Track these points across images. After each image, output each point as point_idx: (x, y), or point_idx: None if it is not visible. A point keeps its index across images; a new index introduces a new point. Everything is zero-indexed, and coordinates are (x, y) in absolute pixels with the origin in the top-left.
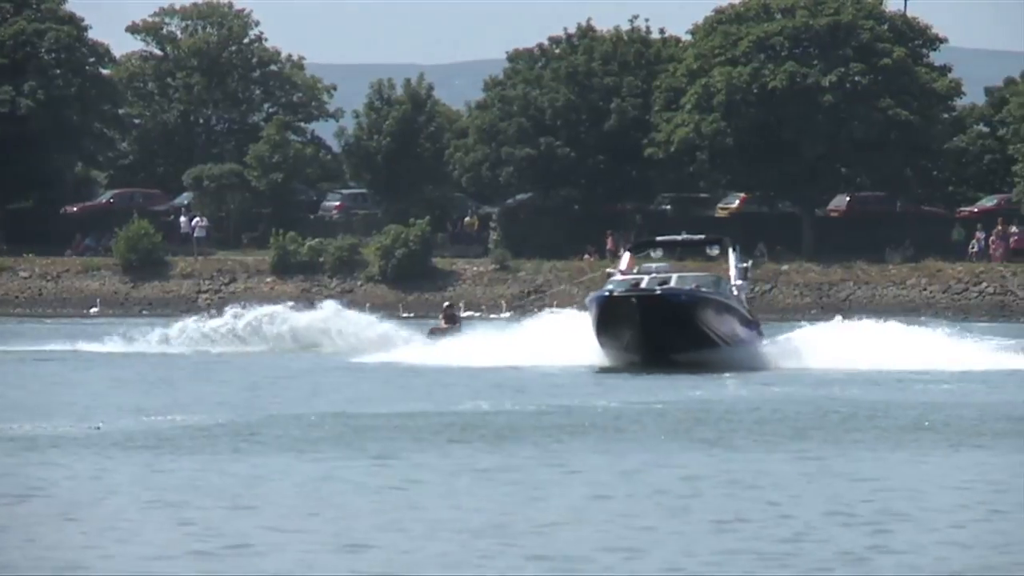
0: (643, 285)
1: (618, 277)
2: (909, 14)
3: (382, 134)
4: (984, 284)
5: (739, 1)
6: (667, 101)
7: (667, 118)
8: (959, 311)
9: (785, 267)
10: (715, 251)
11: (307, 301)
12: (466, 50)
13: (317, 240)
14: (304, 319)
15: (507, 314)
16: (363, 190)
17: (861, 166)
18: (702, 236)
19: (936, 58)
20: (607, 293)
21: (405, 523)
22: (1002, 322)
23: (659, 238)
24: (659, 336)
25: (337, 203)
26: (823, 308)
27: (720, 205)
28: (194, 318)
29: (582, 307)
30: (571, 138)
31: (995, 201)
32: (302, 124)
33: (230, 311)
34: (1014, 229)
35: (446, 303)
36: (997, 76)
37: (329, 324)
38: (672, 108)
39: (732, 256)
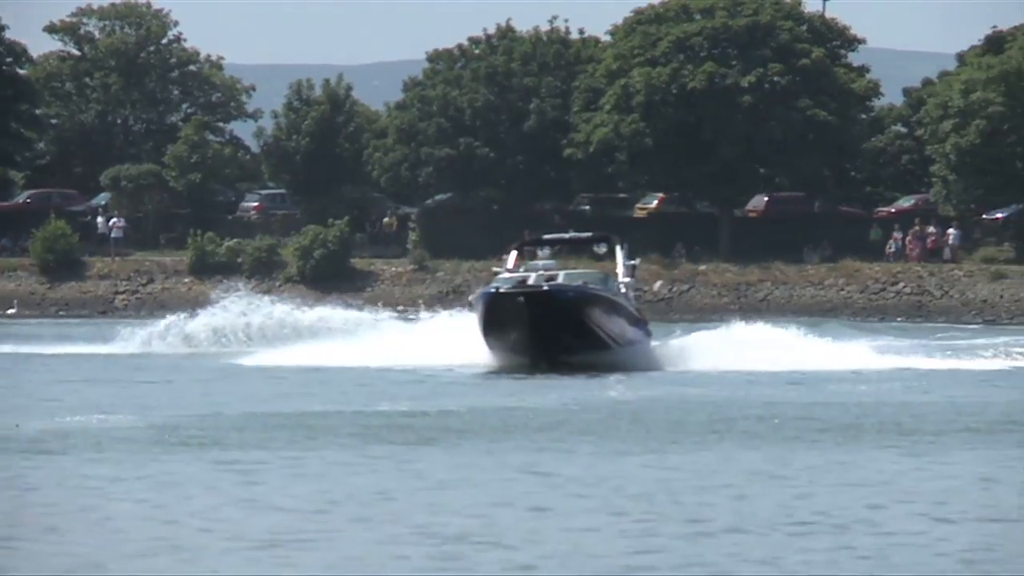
0: (530, 282)
1: (504, 275)
2: (828, 15)
3: (301, 134)
4: (901, 284)
5: (658, 2)
6: (586, 101)
7: (586, 118)
8: (876, 311)
9: (703, 267)
10: (602, 249)
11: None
12: (385, 50)
13: (235, 241)
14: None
15: (425, 315)
16: (282, 190)
17: (779, 166)
18: (589, 234)
19: (854, 59)
20: (492, 291)
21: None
22: (919, 322)
23: (545, 236)
24: (547, 335)
25: (256, 203)
26: (741, 308)
27: (639, 205)
28: (177, 316)
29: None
30: (490, 138)
31: (912, 201)
32: (220, 124)
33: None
34: (931, 229)
35: None
36: (915, 77)
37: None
38: (591, 108)
39: (620, 254)
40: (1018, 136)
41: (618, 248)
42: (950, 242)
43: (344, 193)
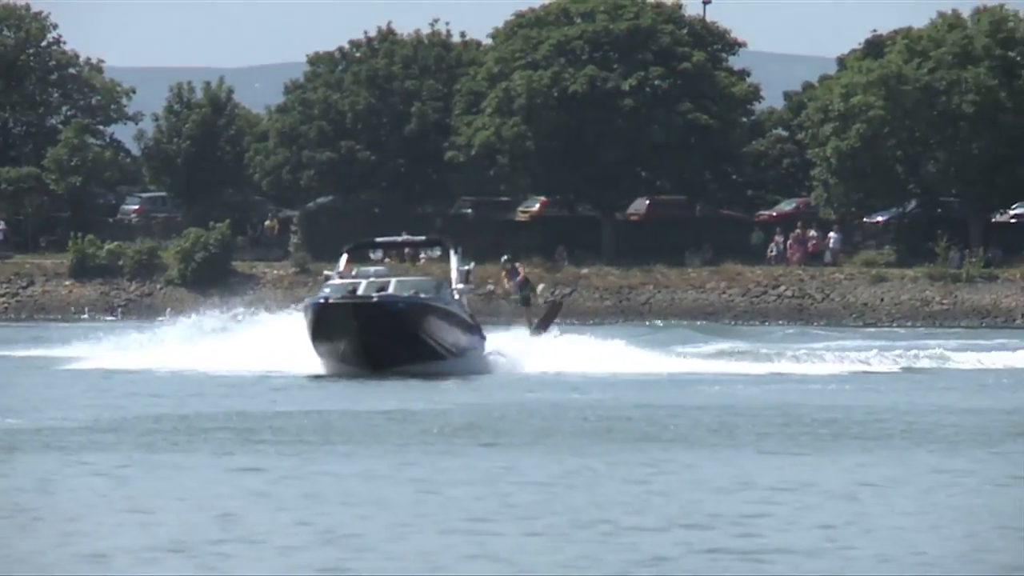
0: (360, 291)
1: (335, 281)
2: (708, 19)
3: (182, 137)
4: (783, 287)
5: (539, 5)
6: (468, 105)
7: (468, 121)
8: (758, 314)
9: (585, 270)
10: (436, 253)
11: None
12: (266, 53)
13: (116, 243)
14: None
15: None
16: (163, 193)
17: (661, 170)
18: (423, 237)
19: (735, 62)
20: (322, 300)
21: None
22: (800, 325)
23: (379, 239)
24: (377, 346)
25: (136, 206)
26: (623, 312)
27: (520, 208)
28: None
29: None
30: (372, 142)
31: (794, 205)
32: (101, 127)
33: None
34: (812, 233)
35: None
36: (796, 80)
37: None
38: (473, 112)
39: (454, 258)
40: (898, 140)
41: (452, 252)
42: (831, 245)
43: (225, 196)
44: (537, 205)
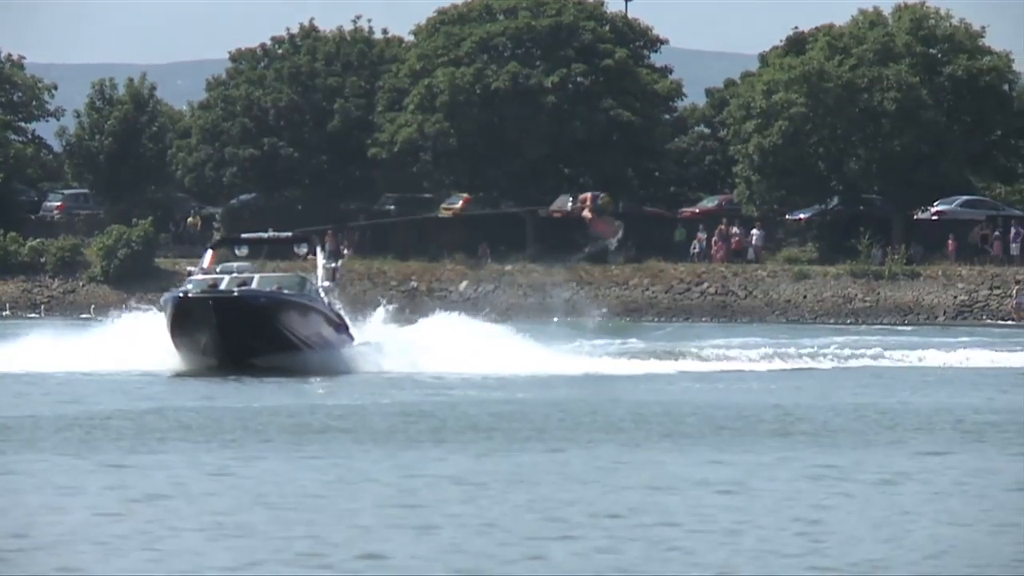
0: (222, 286)
1: (198, 276)
2: (630, 16)
3: (104, 134)
4: (706, 284)
5: (461, 2)
6: (390, 101)
7: (390, 118)
8: (681, 311)
9: (508, 267)
10: (303, 250)
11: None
12: (188, 50)
13: (38, 240)
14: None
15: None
16: (85, 190)
17: (583, 167)
18: (289, 233)
19: (657, 59)
20: (182, 294)
21: None
22: (723, 322)
23: (244, 235)
24: (237, 339)
25: (59, 203)
26: (546, 310)
27: (444, 205)
28: None
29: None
30: (294, 138)
31: (716, 202)
32: (22, 124)
33: None
34: (735, 230)
35: None
36: (718, 77)
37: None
38: (395, 108)
39: (320, 256)
40: (820, 137)
41: (319, 250)
42: (754, 242)
43: (148, 193)
44: (460, 202)
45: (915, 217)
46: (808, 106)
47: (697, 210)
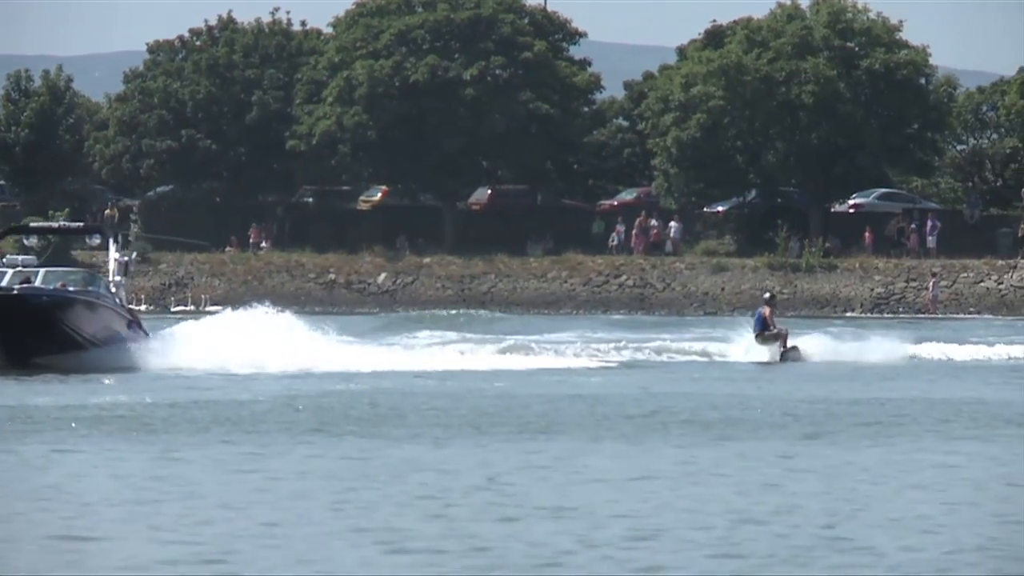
0: (3, 282)
1: None
2: (549, 8)
3: (20, 126)
4: (624, 277)
5: None
6: (309, 94)
7: (309, 111)
8: (599, 304)
9: (427, 260)
10: (96, 241)
11: None
12: (105, 41)
13: None
14: None
15: (144, 307)
16: (1, 182)
17: (502, 159)
18: (80, 224)
19: (576, 52)
20: None
21: None
22: (641, 315)
23: (33, 224)
24: (17, 338)
25: None
26: (465, 301)
27: (362, 198)
28: None
29: (219, 300)
30: (212, 130)
31: (635, 195)
32: None
33: None
34: (654, 223)
35: None
36: (636, 70)
37: None
38: (314, 101)
39: (112, 249)
40: (738, 130)
41: (111, 242)
42: (672, 235)
43: (65, 185)
44: (379, 194)
45: (832, 210)
46: (726, 99)
47: (615, 203)
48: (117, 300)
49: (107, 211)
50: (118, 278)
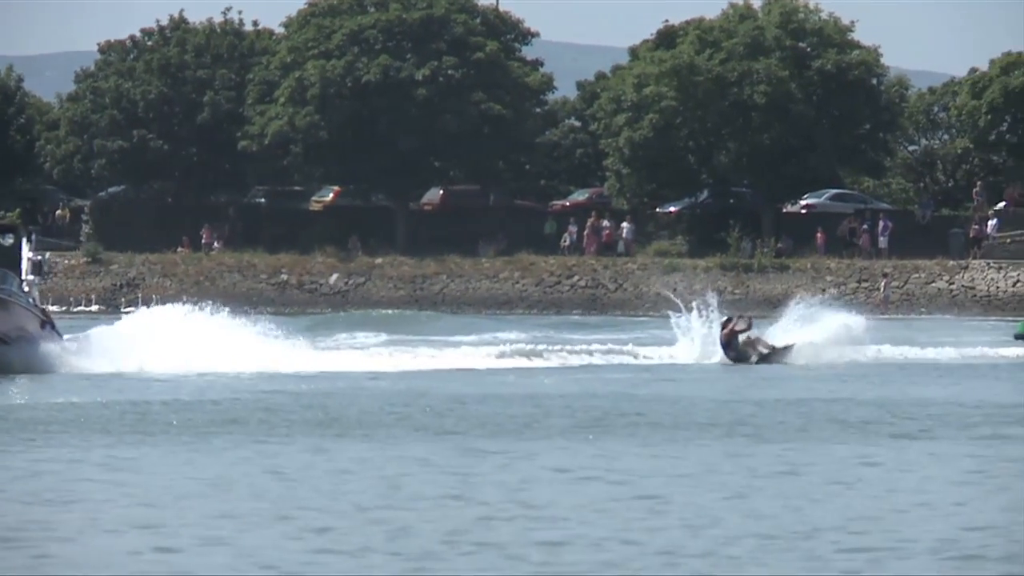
0: None
1: None
2: (502, 8)
3: None
4: (576, 277)
5: None
6: (261, 94)
7: (261, 111)
8: (552, 304)
9: (379, 260)
10: (8, 240)
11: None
12: (57, 41)
13: None
14: None
15: (96, 308)
16: None
17: (454, 160)
18: None
19: (528, 52)
20: None
21: None
22: (594, 315)
23: None
24: None
25: None
26: (417, 301)
27: (314, 198)
28: None
29: (170, 300)
30: (164, 131)
31: (587, 195)
32: None
33: None
34: (606, 223)
35: None
36: (588, 71)
37: None
38: (266, 101)
39: (25, 248)
40: (690, 130)
41: (24, 241)
42: (624, 236)
43: (16, 185)
44: (331, 195)
45: (784, 210)
46: (678, 99)
47: (568, 203)
48: (30, 300)
49: (59, 211)
50: (31, 277)
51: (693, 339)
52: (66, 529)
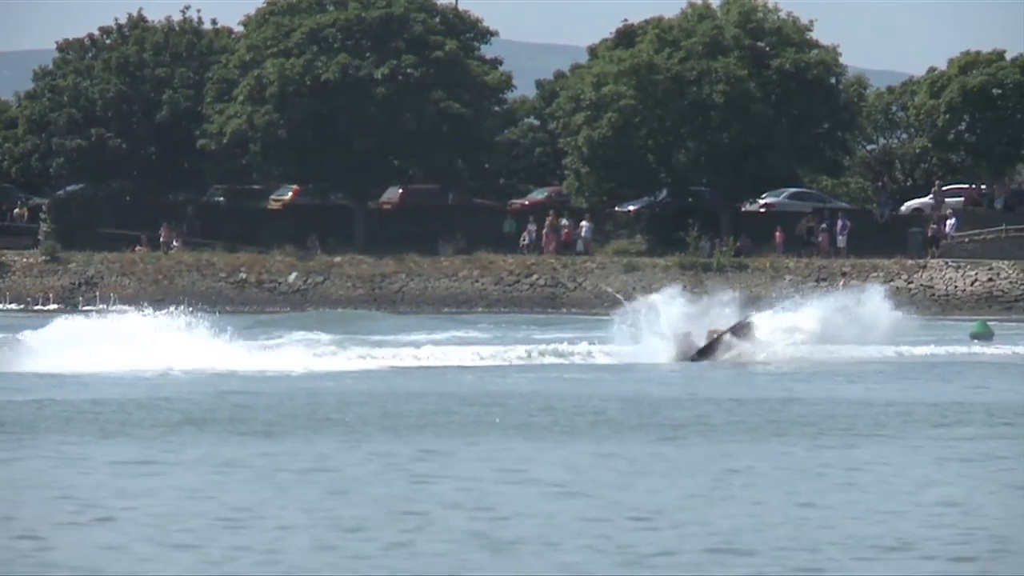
0: None
1: None
2: (461, 7)
3: None
4: (535, 276)
5: None
6: (220, 92)
7: (220, 109)
8: (511, 303)
9: (338, 259)
10: None
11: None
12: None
13: None
14: None
15: (54, 306)
16: None
17: (414, 158)
18: None
19: (487, 51)
20: None
21: None
22: (551, 313)
23: None
24: None
25: None
26: (376, 300)
27: (273, 197)
28: None
29: (129, 299)
30: (122, 129)
31: (546, 194)
32: None
33: None
34: (565, 222)
35: None
36: (547, 70)
37: None
38: (225, 100)
39: None
40: (649, 129)
41: None
42: (583, 234)
43: None
44: (289, 193)
45: (743, 209)
46: (637, 98)
47: (527, 202)
48: None
49: (17, 210)
50: None
51: (639, 338)
52: None
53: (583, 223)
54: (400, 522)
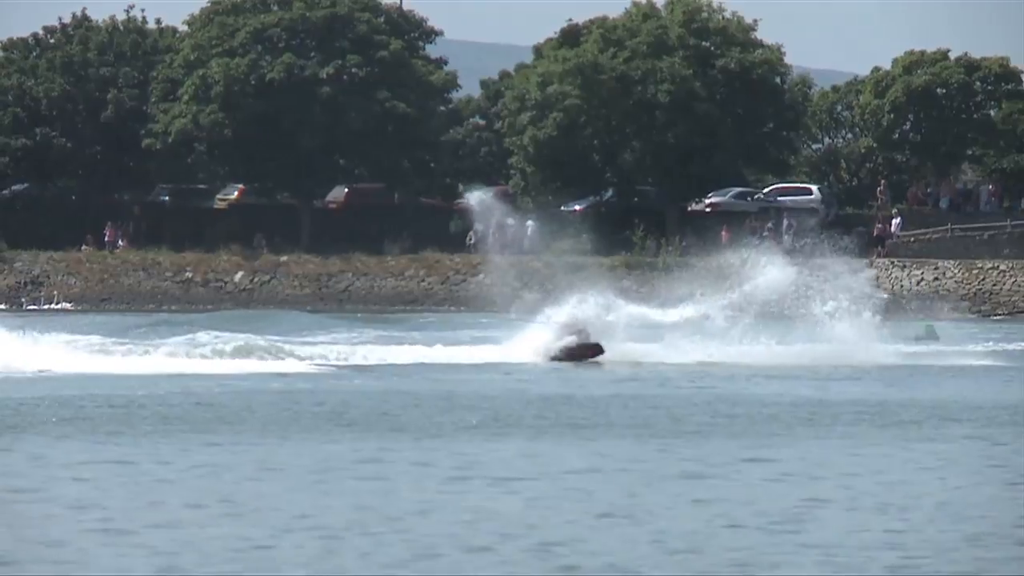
0: None
1: None
2: (405, 7)
3: None
4: (482, 275)
5: None
6: (165, 92)
7: (165, 109)
8: (457, 302)
9: (284, 258)
10: None
11: None
12: None
13: None
14: None
15: (2, 306)
16: None
17: (359, 158)
18: None
19: (432, 51)
20: None
21: None
22: (493, 312)
23: None
24: None
25: None
26: (322, 299)
27: (219, 196)
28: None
29: (75, 299)
30: (67, 128)
31: (491, 193)
32: None
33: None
34: (510, 221)
35: None
36: (493, 69)
37: None
38: (170, 99)
39: None
40: (594, 129)
41: None
42: (528, 234)
43: None
44: (235, 193)
45: (689, 209)
46: (582, 98)
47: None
48: None
49: None
50: None
51: (523, 337)
52: None
53: (528, 222)
54: None
